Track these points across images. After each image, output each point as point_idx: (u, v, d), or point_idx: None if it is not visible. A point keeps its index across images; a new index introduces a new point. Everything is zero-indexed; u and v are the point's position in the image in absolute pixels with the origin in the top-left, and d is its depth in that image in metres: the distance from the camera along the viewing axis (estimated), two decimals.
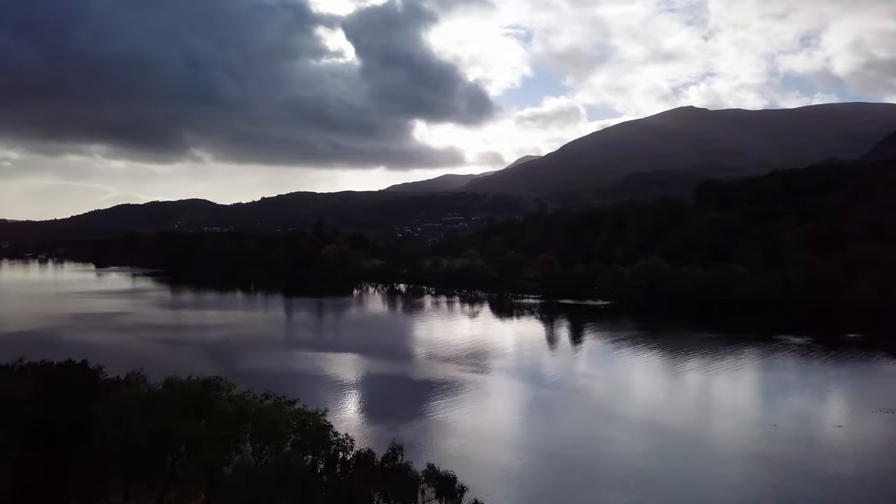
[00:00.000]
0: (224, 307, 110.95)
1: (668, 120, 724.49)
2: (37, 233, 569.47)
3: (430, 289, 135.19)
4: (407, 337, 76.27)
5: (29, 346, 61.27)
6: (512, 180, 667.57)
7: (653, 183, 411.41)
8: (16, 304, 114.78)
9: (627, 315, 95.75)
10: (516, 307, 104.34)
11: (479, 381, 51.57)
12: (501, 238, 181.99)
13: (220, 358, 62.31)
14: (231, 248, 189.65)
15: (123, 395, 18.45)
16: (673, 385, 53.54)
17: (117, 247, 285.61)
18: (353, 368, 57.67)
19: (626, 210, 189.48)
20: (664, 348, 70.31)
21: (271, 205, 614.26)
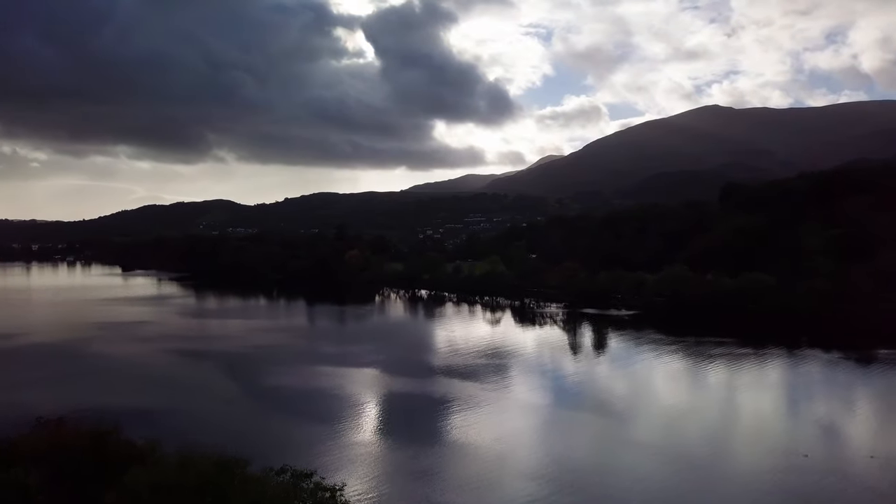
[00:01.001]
0: (247, 316, 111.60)
1: (692, 119, 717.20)
2: (66, 233, 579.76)
3: (451, 295, 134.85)
4: (428, 350, 75.93)
5: (52, 361, 62.38)
6: (534, 180, 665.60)
7: (676, 183, 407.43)
8: (44, 312, 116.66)
9: (651, 326, 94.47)
10: (538, 317, 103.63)
11: (500, 399, 51.09)
12: (523, 243, 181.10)
13: (241, 373, 62.56)
14: (254, 253, 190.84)
15: (136, 478, 18.19)
16: (698, 405, 52.63)
17: (143, 249, 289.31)
18: (372, 386, 57.49)
19: (648, 214, 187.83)
20: (688, 363, 69.24)
21: (294, 205, 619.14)
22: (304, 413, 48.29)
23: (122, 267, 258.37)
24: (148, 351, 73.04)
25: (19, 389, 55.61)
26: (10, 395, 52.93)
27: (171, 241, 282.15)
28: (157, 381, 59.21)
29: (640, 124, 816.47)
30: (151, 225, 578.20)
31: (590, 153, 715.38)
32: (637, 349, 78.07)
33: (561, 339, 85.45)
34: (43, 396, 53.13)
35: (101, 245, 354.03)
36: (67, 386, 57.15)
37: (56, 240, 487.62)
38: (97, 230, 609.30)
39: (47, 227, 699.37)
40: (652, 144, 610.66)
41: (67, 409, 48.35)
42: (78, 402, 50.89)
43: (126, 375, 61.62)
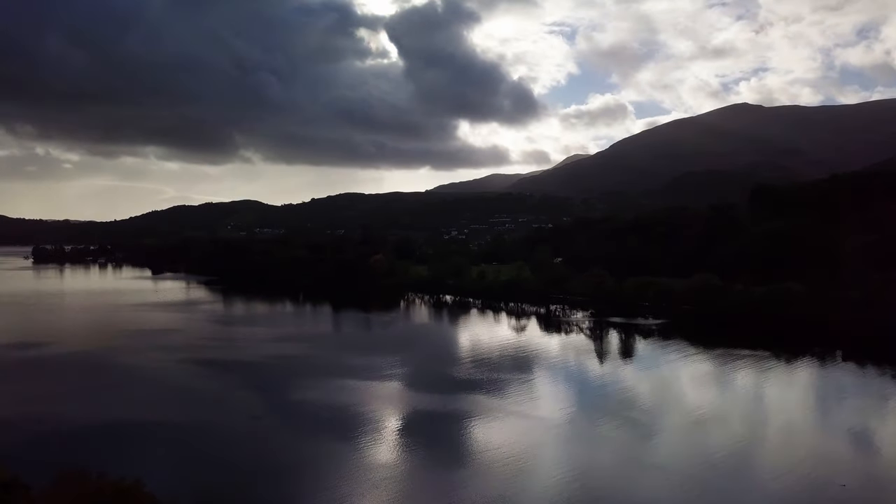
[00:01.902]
0: (273, 323, 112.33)
1: (720, 117, 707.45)
2: (98, 234, 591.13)
3: (476, 301, 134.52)
4: (452, 362, 75.49)
5: (79, 372, 62.93)
6: (559, 180, 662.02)
7: (704, 183, 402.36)
8: (75, 318, 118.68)
9: (679, 336, 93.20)
10: (564, 326, 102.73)
11: (526, 415, 50.58)
12: (548, 246, 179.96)
13: (266, 387, 62.80)
14: (280, 257, 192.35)
15: None
16: (730, 427, 51.45)
17: (172, 251, 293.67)
18: (396, 401, 57.23)
19: (676, 217, 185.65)
20: (717, 378, 68.07)
21: (320, 206, 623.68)
22: (329, 431, 48.26)
23: (151, 269, 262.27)
24: (174, 361, 73.72)
25: (44, 402, 56.40)
26: (35, 408, 53.69)
27: (199, 244, 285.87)
28: (182, 395, 59.68)
29: (666, 123, 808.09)
30: (181, 225, 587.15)
31: (616, 153, 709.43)
32: (666, 363, 76.98)
33: (588, 351, 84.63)
34: (66, 409, 53.94)
35: (132, 247, 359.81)
36: (93, 399, 57.87)
37: (89, 240, 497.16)
38: (128, 230, 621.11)
39: (80, 227, 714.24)
40: (679, 143, 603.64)
41: (91, 425, 49.31)
42: (102, 416, 51.60)
43: (152, 388, 62.22)
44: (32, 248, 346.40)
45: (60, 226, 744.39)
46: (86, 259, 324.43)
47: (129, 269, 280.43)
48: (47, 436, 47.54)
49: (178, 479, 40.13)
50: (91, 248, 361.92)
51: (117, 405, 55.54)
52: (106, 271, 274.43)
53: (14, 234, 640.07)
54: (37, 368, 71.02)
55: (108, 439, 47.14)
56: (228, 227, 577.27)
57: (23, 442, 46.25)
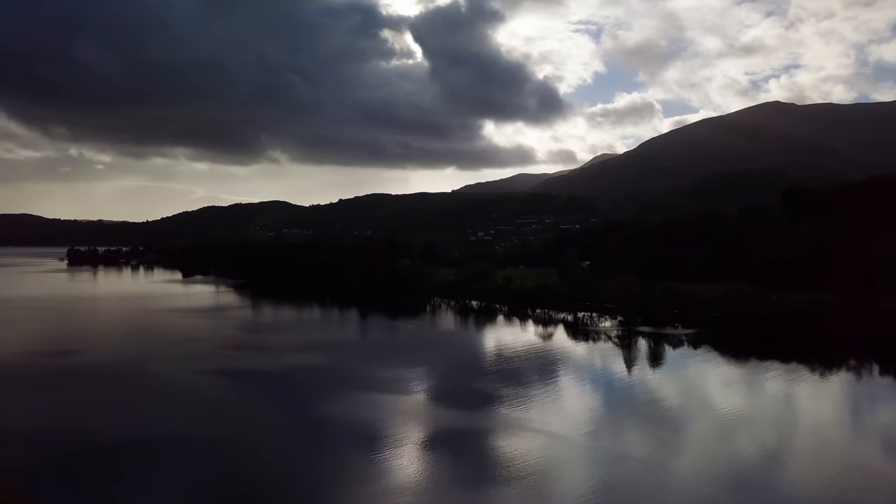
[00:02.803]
0: (300, 329, 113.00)
1: (751, 116, 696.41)
2: (131, 234, 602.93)
3: (502, 307, 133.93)
4: (478, 374, 75.01)
5: (105, 383, 63.45)
6: (587, 180, 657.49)
7: (734, 184, 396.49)
8: (107, 324, 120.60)
9: (709, 347, 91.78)
10: (592, 335, 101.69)
11: (551, 429, 49.93)
12: (575, 251, 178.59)
13: (291, 400, 62.92)
14: (307, 261, 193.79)
15: None
16: (762, 442, 50.23)
17: (202, 253, 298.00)
18: (421, 417, 56.82)
19: (706, 221, 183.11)
20: (749, 390, 66.77)
21: (347, 206, 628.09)
22: (353, 448, 48.14)
23: (182, 272, 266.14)
24: (201, 372, 74.26)
25: (71, 414, 57.20)
26: (62, 420, 54.39)
27: (229, 246, 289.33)
28: (208, 407, 60.00)
29: (695, 122, 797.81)
30: (210, 225, 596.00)
31: (644, 152, 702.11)
32: (696, 375, 75.81)
33: (615, 363, 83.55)
34: (91, 422, 54.64)
35: (164, 249, 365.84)
36: (118, 411, 58.43)
37: (122, 240, 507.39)
38: (160, 230, 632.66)
39: (114, 227, 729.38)
40: (708, 143, 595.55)
41: (113, 439, 49.80)
42: (125, 430, 52.06)
43: (178, 400, 62.61)
44: (67, 249, 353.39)
45: (94, 226, 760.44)
46: (118, 261, 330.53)
47: (160, 271, 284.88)
48: (69, 449, 48.20)
49: (199, 496, 40.50)
50: (123, 249, 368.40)
51: (142, 418, 56.10)
52: (138, 273, 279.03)
53: (51, 234, 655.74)
54: (67, 378, 72.00)
55: (129, 453, 47.62)
56: (257, 228, 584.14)
57: (45, 456, 46.98)
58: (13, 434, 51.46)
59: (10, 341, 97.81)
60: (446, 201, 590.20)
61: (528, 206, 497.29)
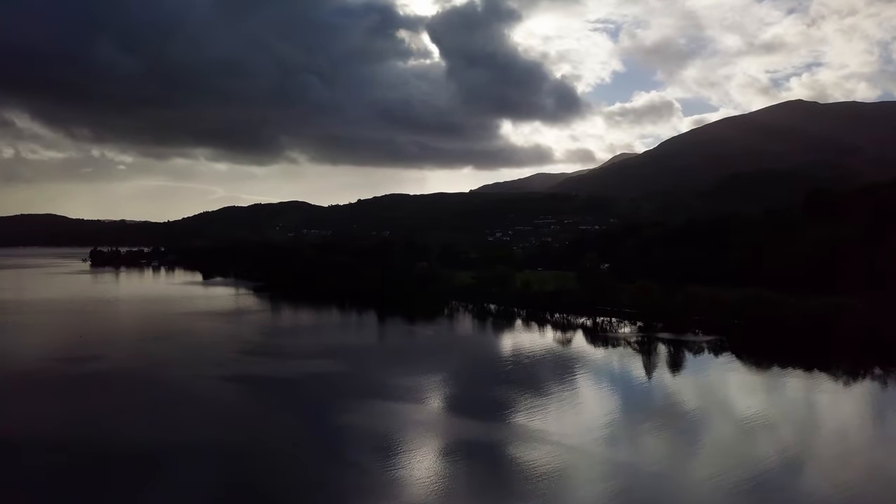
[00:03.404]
0: (318, 334, 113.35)
1: (772, 115, 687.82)
2: (153, 234, 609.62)
3: (521, 311, 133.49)
4: (496, 380, 74.76)
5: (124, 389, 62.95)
6: (606, 180, 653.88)
7: (756, 183, 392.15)
8: (128, 328, 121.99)
9: (730, 353, 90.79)
10: (610, 341, 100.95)
11: (570, 444, 49.54)
12: (594, 253, 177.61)
13: (305, 408, 63.10)
14: (326, 263, 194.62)
15: None
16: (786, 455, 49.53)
17: (222, 254, 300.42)
18: (438, 428, 56.66)
19: (727, 223, 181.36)
20: (770, 399, 65.84)
21: (366, 206, 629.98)
22: (368, 460, 48.19)
23: (202, 273, 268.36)
24: (219, 378, 74.58)
25: (88, 422, 57.84)
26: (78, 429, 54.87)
27: (248, 248, 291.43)
28: (223, 415, 60.29)
29: (716, 122, 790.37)
30: (231, 225, 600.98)
31: (664, 152, 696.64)
32: (716, 383, 75.03)
33: (634, 371, 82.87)
34: (106, 430, 55.20)
35: (185, 250, 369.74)
36: (135, 419, 58.94)
37: (145, 240, 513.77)
38: (182, 230, 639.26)
39: (136, 227, 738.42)
40: (729, 142, 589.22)
41: (128, 447, 50.23)
42: (140, 438, 52.48)
43: (194, 407, 62.90)
44: (90, 250, 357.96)
45: (117, 226, 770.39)
46: (140, 262, 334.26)
47: (180, 273, 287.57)
48: (85, 458, 48.81)
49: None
50: (145, 250, 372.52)
51: (158, 426, 56.53)
52: (159, 275, 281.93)
53: (74, 234, 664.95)
54: (87, 384, 72.69)
55: (144, 462, 48.12)
56: (277, 228, 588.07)
57: (62, 463, 47.64)
58: (32, 441, 52.08)
59: (35, 345, 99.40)
60: (464, 201, 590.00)
61: (547, 207, 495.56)
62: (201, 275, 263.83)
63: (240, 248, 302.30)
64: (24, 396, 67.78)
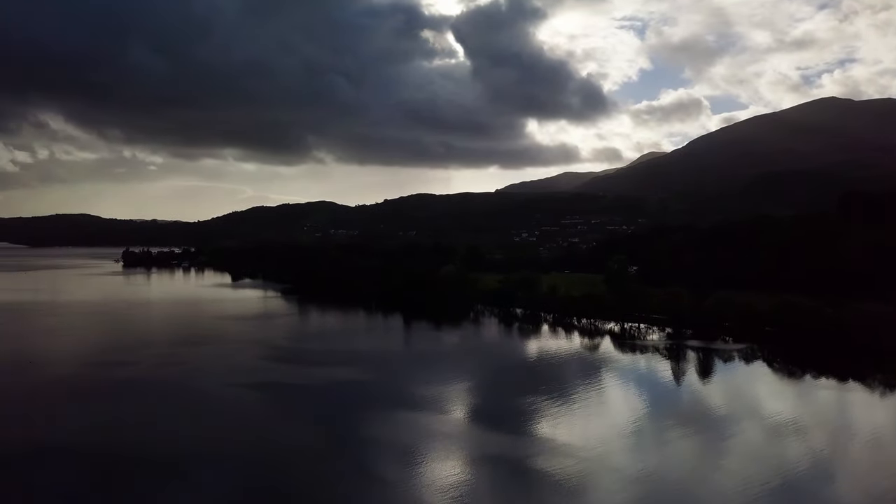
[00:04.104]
0: (344, 340, 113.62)
1: (804, 113, 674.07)
2: (184, 234, 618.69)
3: (547, 316, 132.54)
4: (521, 389, 73.98)
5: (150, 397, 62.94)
6: (634, 179, 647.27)
7: (789, 183, 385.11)
8: (157, 330, 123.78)
9: (762, 363, 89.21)
10: (638, 349, 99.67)
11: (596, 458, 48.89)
12: (623, 256, 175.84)
13: (329, 418, 62.89)
14: (352, 266, 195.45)
15: None
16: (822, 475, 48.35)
17: (250, 255, 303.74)
18: (462, 441, 56.16)
19: (759, 225, 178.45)
20: (806, 414, 64.35)
21: (393, 207, 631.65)
22: (392, 471, 48.19)
23: (231, 274, 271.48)
24: (244, 386, 74.99)
25: (113, 428, 58.61)
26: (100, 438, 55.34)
27: (276, 249, 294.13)
28: (248, 426, 60.52)
29: (746, 120, 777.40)
30: (260, 226, 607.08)
31: (693, 150, 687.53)
32: (748, 396, 73.64)
33: (665, 381, 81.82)
34: (129, 438, 55.95)
35: (214, 251, 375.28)
36: (158, 427, 59.73)
37: (176, 240, 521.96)
38: (212, 230, 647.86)
39: (167, 227, 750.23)
40: (760, 141, 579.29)
41: (150, 456, 50.58)
42: (163, 447, 53.13)
43: (218, 416, 63.36)
44: (122, 251, 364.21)
45: (149, 226, 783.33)
46: (171, 263, 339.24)
47: (210, 274, 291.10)
48: (108, 465, 49.53)
49: None
50: (175, 251, 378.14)
51: (183, 434, 57.43)
52: (189, 276, 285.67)
53: (108, 234, 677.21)
54: (114, 391, 73.89)
55: (167, 471, 48.70)
56: (304, 228, 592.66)
57: (80, 473, 48.52)
58: (60, 447, 52.85)
59: (64, 350, 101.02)
60: (490, 201, 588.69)
61: (574, 207, 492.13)
62: (230, 276, 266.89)
63: (268, 249, 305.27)
64: (53, 402, 68.74)
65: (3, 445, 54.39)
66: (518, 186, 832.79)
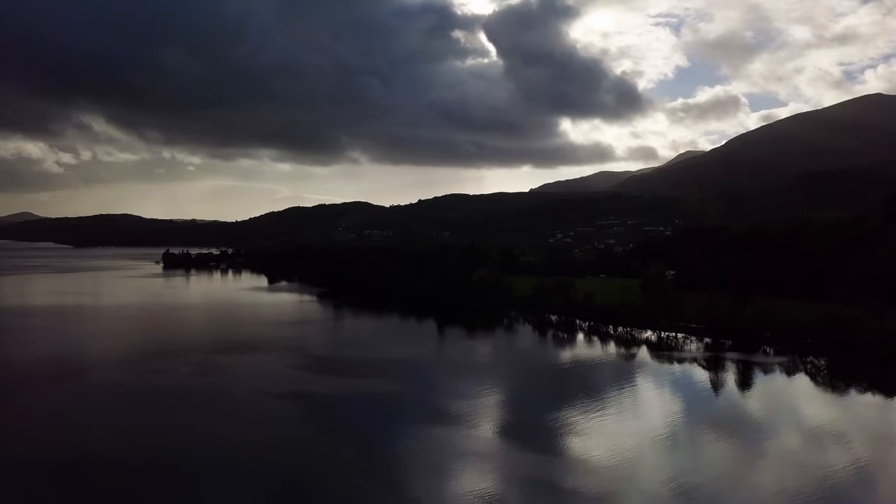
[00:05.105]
0: (377, 346, 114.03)
1: (849, 109, 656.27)
2: (223, 234, 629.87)
3: (582, 324, 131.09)
4: (554, 404, 73.18)
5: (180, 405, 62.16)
6: (671, 179, 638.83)
7: (832, 183, 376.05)
8: (194, 335, 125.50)
9: (804, 377, 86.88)
10: (676, 359, 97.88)
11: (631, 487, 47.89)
12: (660, 262, 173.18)
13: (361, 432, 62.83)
14: (386, 270, 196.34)
15: None
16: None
17: (287, 257, 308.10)
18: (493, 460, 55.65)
19: (799, 229, 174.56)
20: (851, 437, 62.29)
21: (426, 207, 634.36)
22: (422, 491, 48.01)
23: (268, 277, 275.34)
24: (277, 395, 75.81)
25: (142, 437, 59.53)
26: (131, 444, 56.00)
27: (312, 251, 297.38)
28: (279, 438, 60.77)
29: (787, 117, 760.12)
30: (296, 226, 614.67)
31: (732, 149, 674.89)
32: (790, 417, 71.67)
33: (703, 395, 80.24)
34: (154, 447, 56.88)
35: (252, 252, 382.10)
36: (190, 438, 60.60)
37: (215, 240, 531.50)
38: (250, 230, 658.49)
39: (206, 227, 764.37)
40: (801, 139, 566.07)
41: (178, 465, 51.62)
42: (191, 457, 53.92)
43: (252, 429, 63.66)
44: (163, 253, 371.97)
45: (188, 226, 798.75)
46: (209, 265, 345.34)
47: (247, 276, 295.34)
48: (135, 475, 50.55)
49: None
50: (214, 253, 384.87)
51: (213, 445, 58.36)
52: (227, 278, 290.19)
53: (150, 234, 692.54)
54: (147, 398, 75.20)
55: (195, 481, 49.67)
56: (340, 229, 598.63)
57: (111, 481, 49.44)
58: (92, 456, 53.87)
59: (103, 357, 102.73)
60: (524, 201, 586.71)
61: (609, 207, 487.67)
62: (267, 278, 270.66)
63: (304, 251, 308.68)
64: (88, 410, 70.22)
65: (39, 453, 55.73)
66: (552, 186, 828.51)
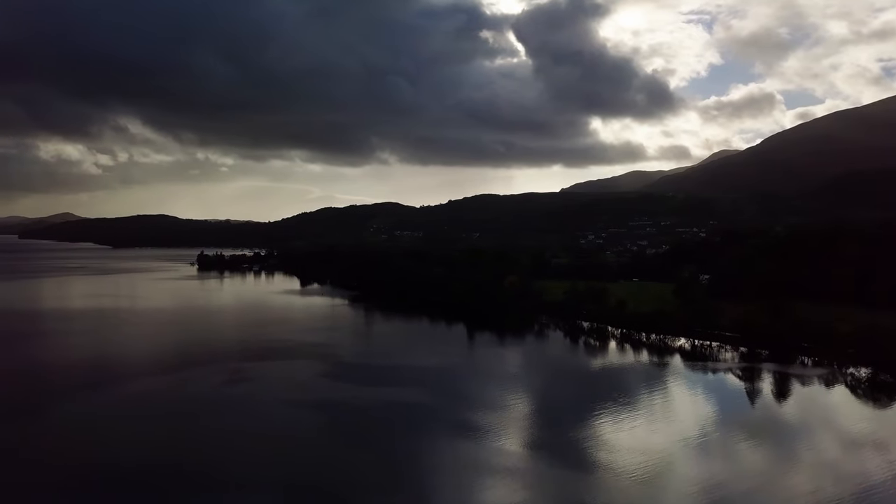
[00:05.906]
0: (408, 352, 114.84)
1: (887, 107, 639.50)
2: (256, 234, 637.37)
3: (615, 331, 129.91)
4: (583, 417, 72.68)
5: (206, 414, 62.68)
6: (704, 178, 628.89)
7: (871, 183, 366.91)
8: (226, 341, 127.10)
9: (842, 389, 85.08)
10: (710, 369, 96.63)
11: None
12: (693, 267, 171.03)
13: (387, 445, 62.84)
14: (416, 274, 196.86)
15: None
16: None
17: (319, 258, 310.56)
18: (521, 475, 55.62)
19: (838, 232, 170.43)
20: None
21: (456, 207, 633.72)
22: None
23: (300, 279, 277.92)
24: (309, 405, 76.82)
25: (165, 448, 60.60)
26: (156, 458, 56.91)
27: (343, 253, 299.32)
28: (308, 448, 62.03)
29: (824, 116, 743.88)
30: (327, 227, 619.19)
31: (767, 148, 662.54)
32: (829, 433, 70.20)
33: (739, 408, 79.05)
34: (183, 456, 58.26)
35: (284, 253, 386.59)
36: (214, 448, 61.67)
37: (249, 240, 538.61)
38: (282, 231, 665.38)
39: (240, 227, 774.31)
40: (839, 138, 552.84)
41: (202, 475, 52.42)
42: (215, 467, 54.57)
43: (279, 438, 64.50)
44: (198, 254, 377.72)
45: (223, 226, 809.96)
46: (243, 266, 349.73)
47: (280, 278, 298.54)
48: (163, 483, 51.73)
49: None
50: (247, 254, 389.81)
51: (240, 454, 59.72)
52: (260, 280, 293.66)
53: (185, 234, 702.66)
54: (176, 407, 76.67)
55: (223, 490, 50.79)
56: (371, 230, 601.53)
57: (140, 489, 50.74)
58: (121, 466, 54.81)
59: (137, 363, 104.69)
60: (554, 201, 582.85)
61: (641, 207, 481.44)
62: (299, 281, 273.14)
63: (336, 252, 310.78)
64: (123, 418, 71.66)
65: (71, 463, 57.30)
66: (583, 186, 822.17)
